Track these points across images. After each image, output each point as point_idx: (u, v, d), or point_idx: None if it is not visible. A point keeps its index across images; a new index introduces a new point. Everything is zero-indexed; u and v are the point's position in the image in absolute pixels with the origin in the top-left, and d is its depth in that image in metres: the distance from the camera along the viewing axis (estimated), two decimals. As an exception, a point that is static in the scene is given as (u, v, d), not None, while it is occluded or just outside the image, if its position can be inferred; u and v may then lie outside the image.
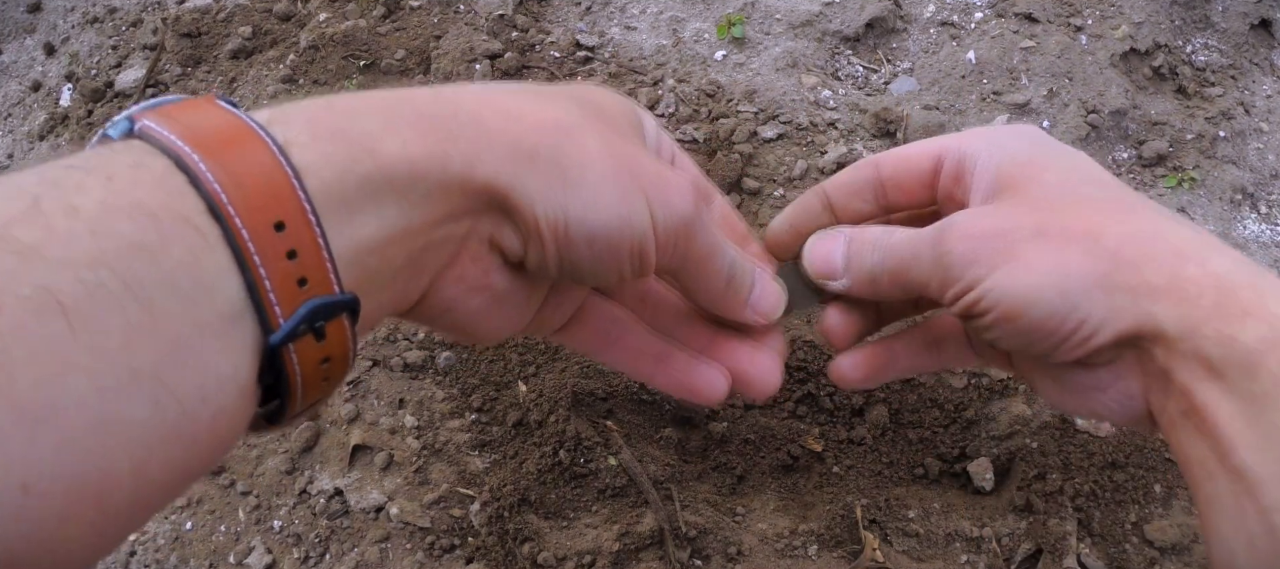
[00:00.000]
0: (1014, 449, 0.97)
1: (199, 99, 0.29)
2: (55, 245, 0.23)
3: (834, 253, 0.41)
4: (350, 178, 0.28)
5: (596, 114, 0.35)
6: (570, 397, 0.97)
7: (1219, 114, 1.25)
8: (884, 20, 1.30)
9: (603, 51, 1.32)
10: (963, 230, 0.37)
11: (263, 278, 0.26)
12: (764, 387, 0.42)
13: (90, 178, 0.25)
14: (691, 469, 0.98)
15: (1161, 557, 0.90)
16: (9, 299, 0.22)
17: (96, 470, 0.23)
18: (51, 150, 1.42)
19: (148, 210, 0.25)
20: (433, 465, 0.98)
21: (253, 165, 0.26)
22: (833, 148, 1.17)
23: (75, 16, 1.56)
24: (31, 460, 0.22)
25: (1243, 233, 1.18)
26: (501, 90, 0.34)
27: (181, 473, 0.25)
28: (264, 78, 1.34)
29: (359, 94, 0.31)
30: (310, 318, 0.27)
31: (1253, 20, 1.32)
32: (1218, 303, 0.32)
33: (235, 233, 0.26)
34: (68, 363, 0.22)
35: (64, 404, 0.22)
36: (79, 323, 0.23)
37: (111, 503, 0.24)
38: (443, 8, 1.38)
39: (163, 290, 0.24)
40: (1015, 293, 0.35)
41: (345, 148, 0.28)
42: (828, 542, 0.93)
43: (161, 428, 0.24)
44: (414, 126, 0.30)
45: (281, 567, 0.96)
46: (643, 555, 0.91)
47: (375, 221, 0.29)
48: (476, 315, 0.35)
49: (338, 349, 0.29)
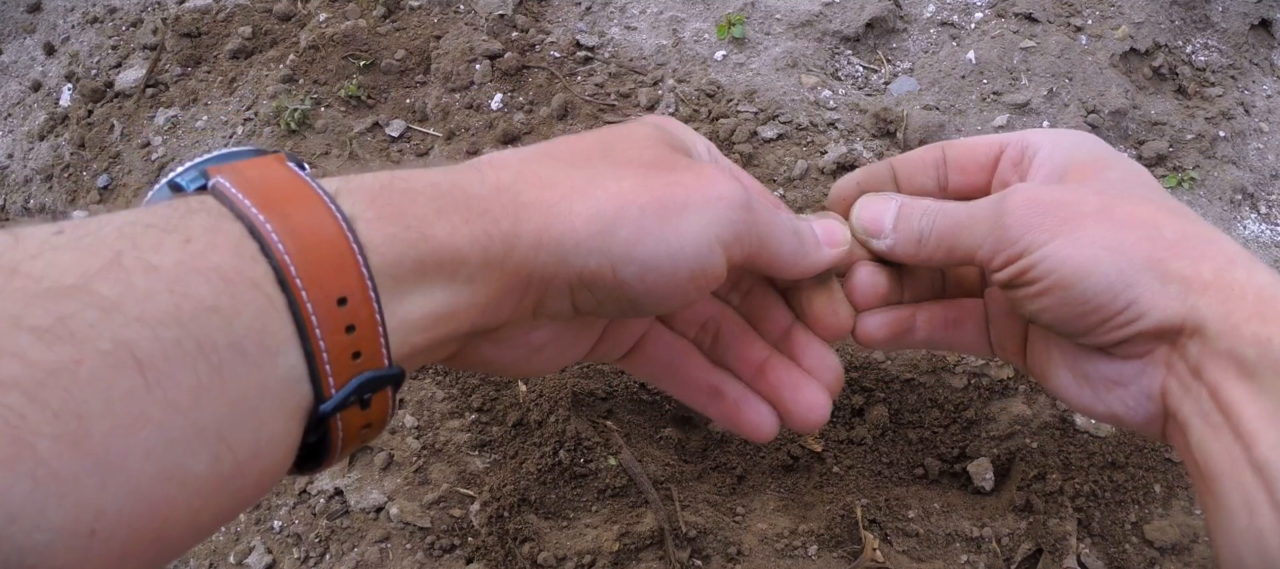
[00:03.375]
0: (1014, 449, 0.97)
1: (269, 159, 0.30)
2: (134, 302, 0.24)
3: (884, 212, 0.42)
4: (407, 261, 0.30)
5: (626, 150, 0.36)
6: (570, 397, 0.97)
7: (1219, 114, 1.25)
8: (884, 20, 1.30)
9: (603, 51, 1.32)
10: (1027, 195, 0.37)
11: (321, 350, 0.28)
12: (806, 420, 0.43)
13: (169, 238, 0.26)
14: (691, 469, 0.98)
15: (1161, 557, 0.90)
16: (90, 352, 0.23)
17: (157, 517, 0.24)
18: (51, 150, 1.42)
19: (223, 275, 0.26)
20: (433, 465, 0.98)
21: (322, 238, 0.28)
22: (833, 148, 1.17)
23: (75, 16, 1.56)
24: (101, 508, 0.23)
25: (1243, 233, 1.18)
26: (539, 159, 0.35)
27: (226, 517, 0.27)
28: (264, 78, 1.34)
29: (414, 173, 0.32)
30: (360, 389, 0.29)
31: (1253, 20, 1.32)
32: (1258, 307, 0.33)
33: (300, 305, 0.27)
34: (141, 416, 0.23)
35: (134, 455, 0.23)
36: (154, 378, 0.24)
37: (166, 544, 0.25)
38: (443, 8, 1.38)
39: (232, 353, 0.25)
40: (1074, 261, 0.35)
41: (404, 231, 0.30)
42: (828, 542, 0.93)
43: (217, 480, 0.25)
44: (461, 211, 0.31)
45: (281, 567, 0.96)
46: (643, 555, 0.91)
47: (424, 301, 0.30)
48: (516, 364, 0.37)
49: (378, 416, 0.30)
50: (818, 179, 1.14)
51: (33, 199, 1.42)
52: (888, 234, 0.42)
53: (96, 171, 1.36)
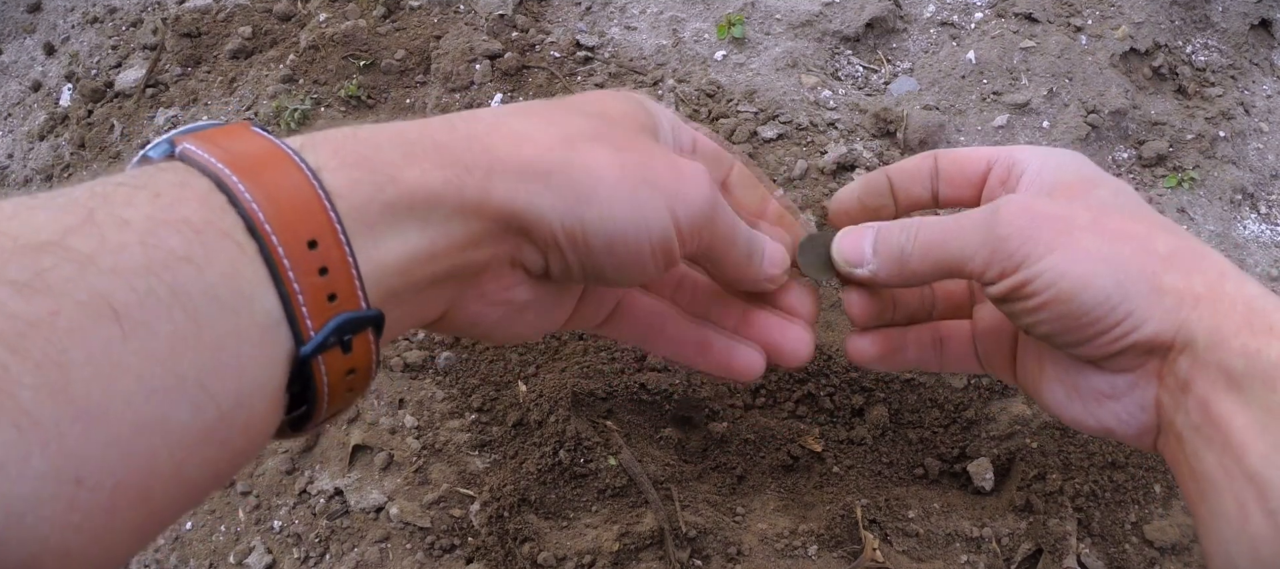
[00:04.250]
0: (1014, 449, 0.97)
1: (234, 125, 0.31)
2: (108, 255, 0.24)
3: (862, 239, 0.43)
4: (375, 204, 0.30)
5: (604, 123, 0.36)
6: (570, 397, 0.97)
7: (1219, 114, 1.25)
8: (884, 20, 1.30)
9: (603, 51, 1.32)
10: (1021, 207, 0.37)
11: (296, 292, 0.28)
12: (795, 356, 0.44)
13: (138, 194, 0.26)
14: (691, 469, 0.98)
15: (1161, 557, 0.90)
16: (67, 303, 0.23)
17: (141, 468, 0.24)
18: (51, 150, 1.42)
19: (193, 226, 0.26)
20: (433, 465, 0.98)
21: (288, 187, 0.28)
22: (833, 148, 1.17)
23: (75, 16, 1.56)
24: (84, 456, 0.23)
25: (1243, 233, 1.18)
26: (512, 114, 0.36)
27: (214, 473, 0.27)
28: (264, 78, 1.34)
29: (380, 126, 0.33)
30: (339, 331, 0.29)
31: (1253, 20, 1.32)
32: (1247, 319, 0.33)
33: (271, 249, 0.28)
34: (119, 365, 0.24)
35: (115, 404, 0.24)
36: (130, 328, 0.24)
37: (153, 499, 0.25)
38: (443, 8, 1.38)
39: (206, 300, 0.26)
40: (1073, 274, 0.35)
41: (370, 175, 0.30)
42: (828, 542, 0.93)
43: (201, 430, 0.26)
44: (432, 157, 0.32)
45: (281, 567, 0.96)
46: (643, 555, 0.91)
47: (398, 244, 0.31)
48: (501, 324, 0.37)
49: (362, 361, 0.31)
50: (818, 179, 1.14)
51: (33, 199, 1.42)
52: (869, 260, 0.42)
53: (96, 172, 1.36)
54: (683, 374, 1.00)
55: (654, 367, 1.00)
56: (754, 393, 1.01)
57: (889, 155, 1.19)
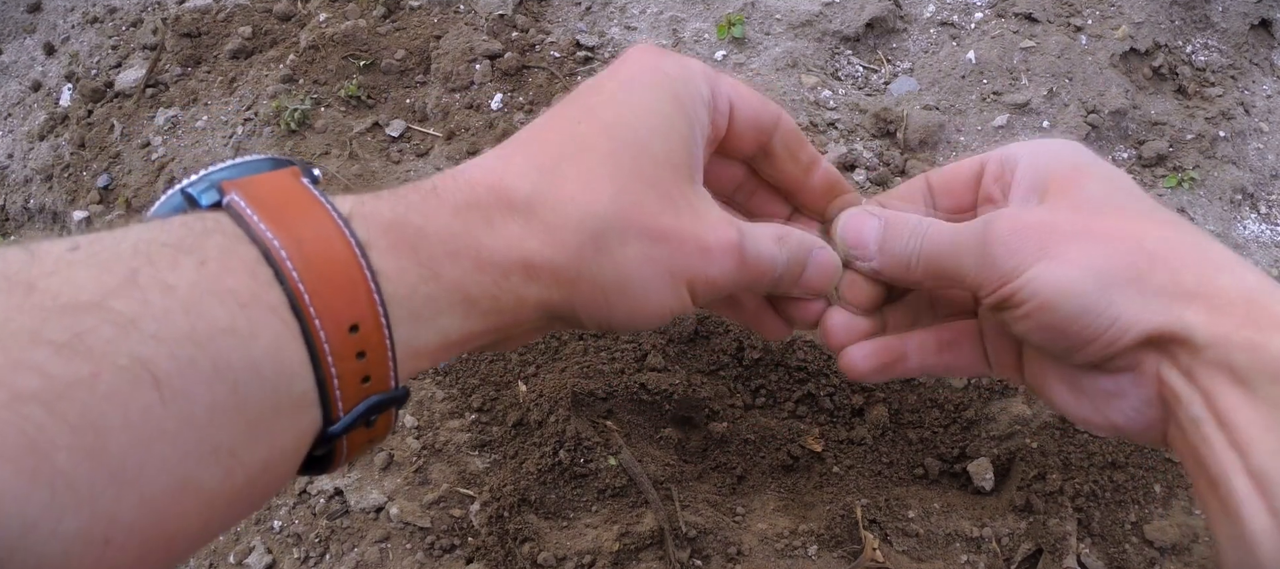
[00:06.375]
0: (1014, 449, 0.97)
1: (283, 174, 0.31)
2: (151, 320, 0.25)
3: (867, 231, 0.43)
4: (418, 296, 0.31)
5: (642, 182, 0.36)
6: (570, 397, 0.97)
7: (1219, 114, 1.25)
8: (884, 20, 1.30)
9: (603, 52, 1.32)
10: (1009, 222, 0.38)
11: (333, 376, 0.29)
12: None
13: (185, 258, 0.26)
14: (691, 469, 0.98)
15: (1161, 557, 0.90)
16: (107, 366, 0.23)
17: (171, 528, 0.25)
18: (51, 150, 1.42)
19: (239, 299, 0.27)
20: (433, 465, 0.98)
21: (335, 265, 0.29)
22: (833, 148, 1.17)
23: (75, 16, 1.56)
24: (115, 517, 0.23)
25: (1243, 233, 1.18)
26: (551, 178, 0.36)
27: (232, 524, 0.28)
28: (264, 78, 1.34)
29: (428, 207, 0.33)
30: (367, 412, 0.30)
31: (1253, 20, 1.32)
32: (1248, 313, 0.33)
33: (313, 332, 0.28)
34: (157, 431, 0.24)
35: (149, 469, 0.24)
36: (170, 395, 0.24)
37: (175, 551, 0.26)
38: (443, 8, 1.38)
39: (249, 374, 0.26)
40: (1055, 284, 0.35)
41: (416, 266, 0.31)
42: (828, 542, 0.93)
43: (228, 492, 0.26)
44: (473, 258, 0.33)
45: (281, 567, 0.96)
46: (643, 555, 0.91)
47: (435, 334, 0.32)
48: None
49: (382, 432, 0.32)
50: (818, 179, 1.14)
51: (33, 199, 1.42)
52: (872, 256, 0.43)
53: (96, 171, 1.36)
54: (683, 374, 1.00)
55: (654, 367, 1.00)
56: (754, 393, 1.01)
57: (889, 155, 1.19)
